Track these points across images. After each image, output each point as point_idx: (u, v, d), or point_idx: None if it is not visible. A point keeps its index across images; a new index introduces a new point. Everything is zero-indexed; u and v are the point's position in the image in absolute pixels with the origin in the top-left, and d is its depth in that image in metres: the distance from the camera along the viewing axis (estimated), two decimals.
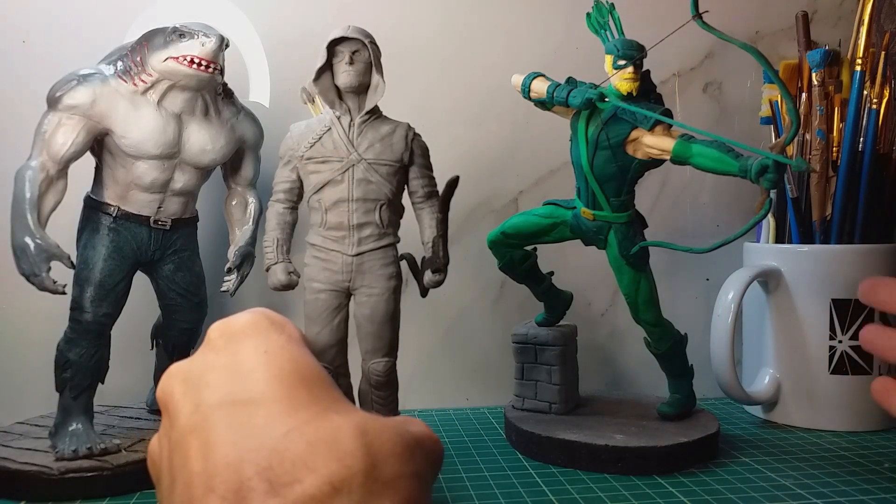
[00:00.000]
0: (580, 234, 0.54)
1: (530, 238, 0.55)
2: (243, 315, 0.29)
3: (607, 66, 0.50)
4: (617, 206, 0.51)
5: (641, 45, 0.49)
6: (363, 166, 0.48)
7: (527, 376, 0.59)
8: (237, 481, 0.21)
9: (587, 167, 0.50)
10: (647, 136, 0.49)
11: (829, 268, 0.59)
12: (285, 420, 0.23)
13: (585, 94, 0.49)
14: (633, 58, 0.48)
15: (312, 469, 0.22)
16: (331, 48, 0.48)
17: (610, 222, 0.52)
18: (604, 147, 0.50)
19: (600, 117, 0.49)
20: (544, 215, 0.55)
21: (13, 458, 0.47)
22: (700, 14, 0.43)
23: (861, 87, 0.61)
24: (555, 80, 0.52)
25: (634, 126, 0.49)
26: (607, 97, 0.49)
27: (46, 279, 0.46)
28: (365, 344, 0.49)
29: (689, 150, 0.47)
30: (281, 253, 0.49)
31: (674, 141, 0.48)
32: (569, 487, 0.47)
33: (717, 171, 0.47)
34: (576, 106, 0.49)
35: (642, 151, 0.49)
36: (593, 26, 0.52)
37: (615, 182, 0.51)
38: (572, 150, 0.52)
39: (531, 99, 0.53)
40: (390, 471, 0.23)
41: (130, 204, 0.51)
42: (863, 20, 0.63)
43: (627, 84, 0.49)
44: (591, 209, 0.52)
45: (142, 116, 0.49)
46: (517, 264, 0.57)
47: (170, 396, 0.27)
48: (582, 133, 0.51)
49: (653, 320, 0.53)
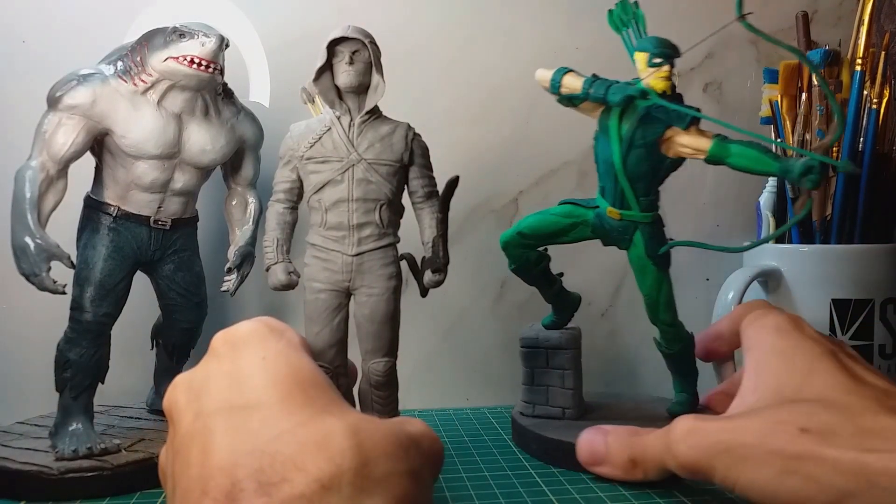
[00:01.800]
0: (602, 233, 0.52)
1: (548, 238, 0.54)
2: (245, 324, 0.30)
3: (640, 64, 0.48)
4: (645, 206, 0.50)
5: (674, 44, 0.48)
6: (363, 166, 0.48)
7: (537, 381, 0.56)
8: (229, 484, 0.22)
9: (619, 165, 0.49)
10: (681, 136, 0.48)
11: (829, 268, 0.59)
12: (279, 423, 0.24)
13: (626, 91, 0.47)
14: (671, 56, 0.47)
15: (302, 469, 0.22)
16: (331, 48, 0.48)
17: (637, 222, 0.51)
18: (638, 145, 0.48)
19: (634, 115, 0.48)
20: (564, 214, 0.53)
21: (13, 458, 0.47)
22: (745, 15, 0.42)
23: (861, 87, 0.61)
24: (587, 76, 0.50)
25: (668, 125, 0.48)
26: (649, 94, 0.47)
27: (46, 279, 0.46)
28: (365, 344, 0.49)
29: (726, 150, 0.46)
30: (281, 253, 0.49)
31: (710, 141, 0.47)
32: (569, 487, 0.47)
33: (755, 171, 0.46)
34: (615, 103, 0.48)
35: (674, 150, 0.48)
36: (615, 23, 0.50)
37: (645, 181, 0.50)
38: (599, 147, 0.51)
39: (560, 94, 0.51)
40: (382, 469, 0.23)
41: (130, 204, 0.51)
42: (863, 20, 0.63)
43: (663, 83, 0.48)
44: (619, 208, 0.51)
45: (142, 116, 0.49)
46: (532, 266, 0.55)
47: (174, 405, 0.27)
48: (615, 130, 0.49)
49: (671, 321, 0.53)
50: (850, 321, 0.58)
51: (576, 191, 0.71)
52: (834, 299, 0.59)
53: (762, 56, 0.73)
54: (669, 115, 0.48)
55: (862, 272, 0.58)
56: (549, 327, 0.58)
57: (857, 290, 0.58)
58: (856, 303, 0.58)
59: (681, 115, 0.47)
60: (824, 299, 0.59)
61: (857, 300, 0.58)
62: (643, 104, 0.47)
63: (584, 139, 0.71)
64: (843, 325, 0.59)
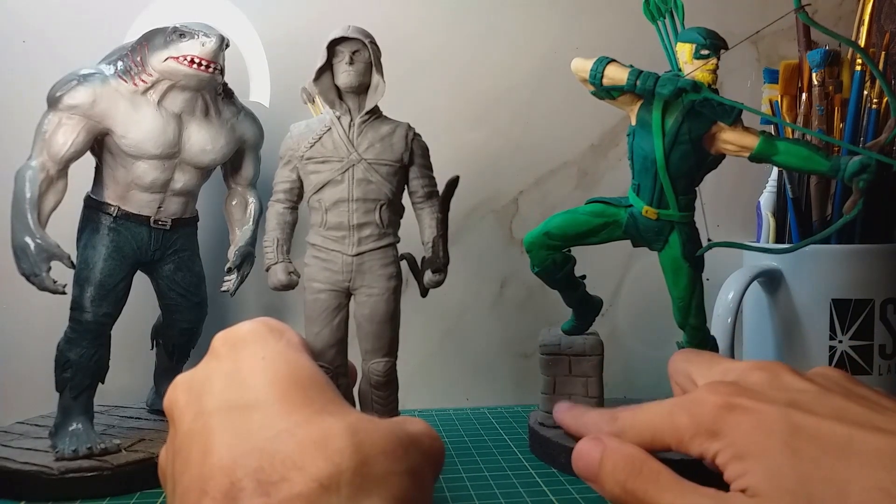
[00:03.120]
0: (634, 234, 0.51)
1: (577, 239, 0.51)
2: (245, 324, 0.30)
3: (685, 55, 0.47)
4: (683, 205, 0.49)
5: (722, 36, 0.47)
6: (363, 166, 0.48)
7: (558, 390, 0.54)
8: (228, 483, 0.22)
9: (661, 162, 0.47)
10: (727, 132, 0.46)
11: (829, 268, 0.59)
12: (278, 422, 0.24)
13: (677, 84, 0.45)
14: (719, 48, 0.46)
15: (301, 468, 0.22)
16: (331, 48, 0.48)
17: (674, 222, 0.49)
18: (683, 141, 0.47)
19: (679, 109, 0.46)
20: (594, 214, 0.51)
21: (13, 458, 0.47)
22: (803, 7, 0.41)
23: (861, 87, 0.61)
24: (633, 66, 0.47)
25: (714, 120, 0.46)
26: (701, 87, 0.45)
27: (46, 279, 0.46)
28: (365, 344, 0.49)
29: (773, 147, 0.45)
30: (281, 253, 0.49)
31: (756, 138, 0.46)
32: (569, 487, 0.47)
33: (803, 169, 0.46)
34: (665, 95, 0.46)
35: (717, 147, 0.47)
36: (651, 13, 0.49)
37: (687, 179, 0.48)
38: (637, 143, 0.49)
39: (600, 86, 0.48)
40: (380, 468, 0.23)
41: (130, 204, 0.51)
42: (863, 20, 0.63)
43: (710, 75, 0.46)
44: (656, 207, 0.49)
45: (142, 116, 0.49)
46: (557, 269, 0.52)
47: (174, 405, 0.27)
48: (658, 125, 0.47)
49: (700, 324, 0.51)
50: (850, 321, 0.58)
51: (576, 191, 0.71)
52: (834, 299, 0.59)
53: (762, 56, 0.73)
54: (715, 111, 0.46)
55: (862, 272, 0.58)
56: (570, 332, 0.55)
57: (857, 290, 0.58)
58: (856, 303, 0.58)
59: (727, 111, 0.45)
60: (824, 299, 0.59)
61: (857, 300, 0.58)
62: (691, 97, 0.45)
63: (584, 139, 0.72)
64: (843, 325, 0.59)
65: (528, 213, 0.71)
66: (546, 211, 0.71)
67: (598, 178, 0.72)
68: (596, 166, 0.72)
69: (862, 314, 0.58)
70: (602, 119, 0.71)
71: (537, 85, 0.71)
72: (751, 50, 0.73)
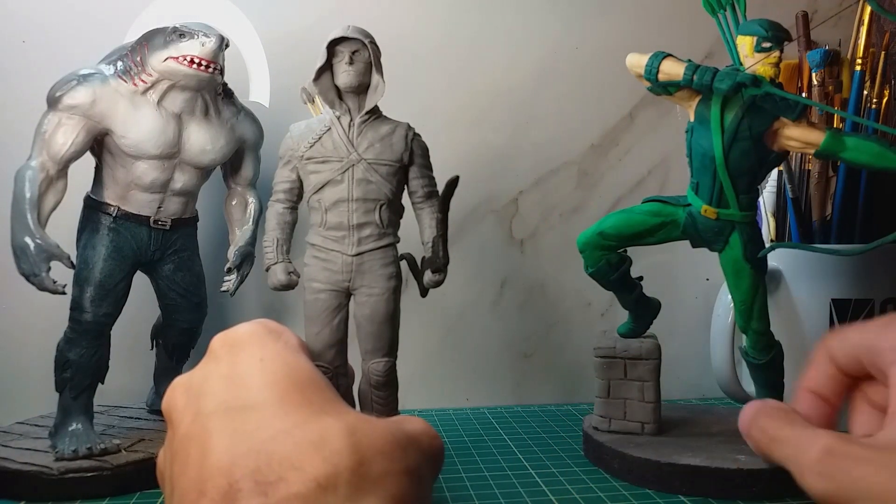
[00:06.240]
0: (693, 234, 0.49)
1: (633, 239, 0.50)
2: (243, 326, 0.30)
3: (746, 48, 0.45)
4: (745, 204, 0.47)
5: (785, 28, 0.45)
6: (363, 166, 0.48)
7: (613, 394, 0.52)
8: (226, 484, 0.22)
9: (720, 159, 0.46)
10: (790, 128, 0.45)
11: (829, 268, 0.59)
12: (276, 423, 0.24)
13: (736, 78, 0.44)
14: (782, 40, 0.44)
15: (298, 468, 0.22)
16: (331, 48, 0.48)
17: (735, 222, 0.48)
18: (743, 138, 0.45)
19: (739, 104, 0.45)
20: (652, 213, 0.49)
21: (13, 458, 0.47)
22: None
23: (861, 87, 0.61)
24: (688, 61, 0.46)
25: (776, 116, 0.45)
26: (761, 82, 0.44)
27: (46, 279, 0.46)
28: (365, 344, 0.49)
29: (841, 143, 0.44)
30: (281, 253, 0.49)
31: (823, 134, 0.44)
32: (569, 488, 0.47)
33: (874, 166, 0.44)
34: (723, 90, 0.44)
35: (780, 144, 0.46)
36: (710, 6, 0.47)
37: (748, 177, 0.47)
38: (695, 140, 0.47)
39: (656, 81, 0.46)
40: (378, 468, 0.23)
41: (130, 204, 0.51)
42: (863, 20, 0.63)
43: (772, 69, 0.44)
44: (716, 206, 0.47)
45: (142, 116, 0.49)
46: (613, 269, 0.51)
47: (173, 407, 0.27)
48: (717, 121, 0.45)
49: (763, 328, 0.50)
50: (850, 321, 0.58)
51: (576, 191, 0.71)
52: (834, 299, 0.59)
53: None
54: (778, 106, 0.44)
55: (862, 272, 0.58)
56: (626, 335, 0.54)
57: (857, 290, 0.58)
58: (856, 303, 0.58)
59: (790, 105, 0.44)
60: (824, 299, 0.59)
61: (857, 300, 0.58)
62: (751, 92, 0.44)
63: (584, 139, 0.72)
64: (842, 325, 0.59)
65: (528, 213, 0.71)
66: (546, 211, 0.71)
67: (599, 178, 0.72)
68: (596, 166, 0.72)
69: (862, 314, 0.58)
70: (602, 119, 0.71)
71: (537, 85, 0.71)
72: None
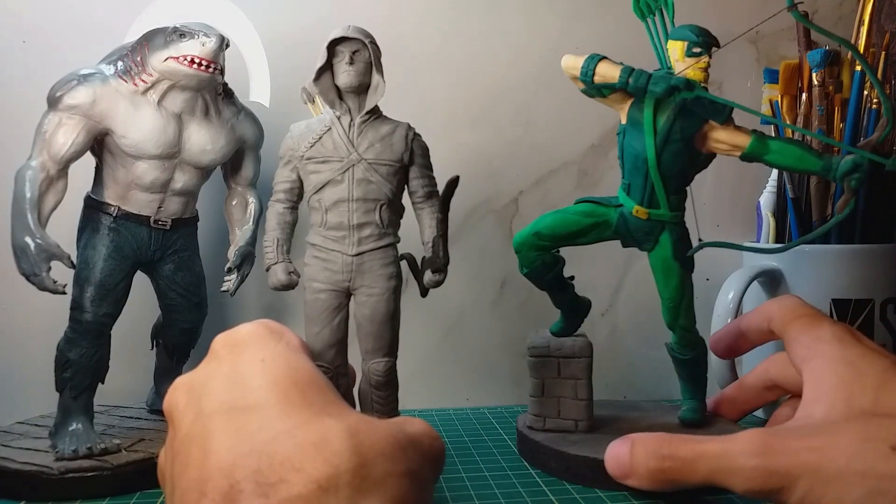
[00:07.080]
0: (624, 234, 0.50)
1: (567, 239, 0.50)
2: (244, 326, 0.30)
3: (676, 53, 0.46)
4: (674, 205, 0.48)
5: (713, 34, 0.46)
6: (363, 166, 0.48)
7: (548, 393, 0.53)
8: (227, 485, 0.22)
9: (653, 161, 0.46)
10: (718, 131, 0.46)
11: (829, 268, 0.59)
12: (277, 424, 0.24)
13: (670, 81, 0.45)
14: (710, 46, 0.46)
15: (299, 469, 0.22)
16: (331, 48, 0.48)
17: (665, 221, 0.49)
18: (675, 140, 0.46)
19: (670, 108, 0.46)
20: (585, 213, 0.50)
21: (13, 458, 0.47)
22: (796, 5, 0.41)
23: (861, 87, 0.61)
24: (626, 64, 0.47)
25: (705, 119, 0.46)
26: (694, 86, 0.45)
27: (46, 279, 0.46)
28: (365, 344, 0.49)
29: (765, 147, 0.45)
30: (281, 253, 0.49)
31: (748, 137, 0.45)
32: (568, 487, 0.47)
33: (796, 169, 0.45)
34: (658, 94, 0.45)
35: (708, 146, 0.47)
36: (640, 11, 0.48)
37: (679, 178, 0.48)
38: (627, 142, 0.48)
39: (591, 83, 0.47)
40: (379, 470, 0.23)
41: (130, 204, 0.51)
42: (863, 20, 0.63)
43: (701, 73, 0.46)
44: (647, 207, 0.48)
45: (142, 116, 0.49)
46: (547, 269, 0.51)
47: (174, 407, 0.27)
48: (649, 124, 0.46)
49: (689, 325, 0.51)
50: (850, 321, 0.58)
51: (576, 191, 0.71)
52: (834, 299, 0.59)
53: (762, 56, 0.73)
54: (706, 109, 0.45)
55: (862, 272, 0.58)
56: (558, 334, 0.54)
57: (857, 290, 0.58)
58: (856, 303, 0.58)
59: (718, 109, 0.45)
60: (824, 299, 0.59)
61: (857, 300, 0.58)
62: (684, 96, 0.45)
63: (584, 139, 0.72)
64: None
65: (528, 213, 0.71)
66: (546, 211, 0.71)
67: (599, 178, 0.72)
68: (596, 166, 0.72)
69: (862, 314, 0.58)
70: (602, 119, 0.71)
71: (537, 85, 0.70)
72: (750, 50, 0.73)
